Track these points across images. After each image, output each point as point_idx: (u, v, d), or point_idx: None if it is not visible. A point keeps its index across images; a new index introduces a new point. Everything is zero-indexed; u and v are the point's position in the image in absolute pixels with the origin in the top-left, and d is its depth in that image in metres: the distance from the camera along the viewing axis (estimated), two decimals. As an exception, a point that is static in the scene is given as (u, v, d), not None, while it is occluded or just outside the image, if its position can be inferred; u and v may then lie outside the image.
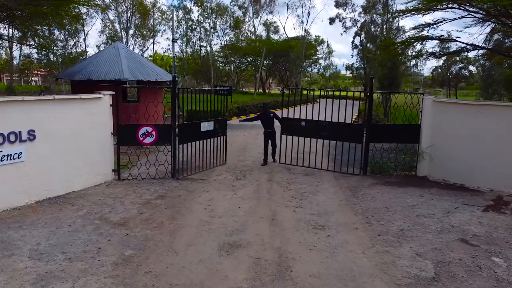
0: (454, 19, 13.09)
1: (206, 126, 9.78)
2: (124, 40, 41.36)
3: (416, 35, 12.45)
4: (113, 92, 8.52)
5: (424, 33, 13.42)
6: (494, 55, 19.64)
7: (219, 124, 10.30)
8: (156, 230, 5.76)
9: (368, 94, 9.52)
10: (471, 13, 12.64)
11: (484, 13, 12.74)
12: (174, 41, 19.99)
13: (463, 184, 8.73)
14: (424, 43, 12.58)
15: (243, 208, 6.88)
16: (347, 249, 5.19)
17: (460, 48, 12.74)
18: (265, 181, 8.93)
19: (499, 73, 38.08)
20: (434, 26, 13.19)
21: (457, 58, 63.50)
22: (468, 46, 12.94)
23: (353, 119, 23.91)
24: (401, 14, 12.24)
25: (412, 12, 11.45)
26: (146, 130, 8.66)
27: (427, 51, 13.12)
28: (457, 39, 11.94)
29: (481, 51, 14.50)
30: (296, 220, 6.32)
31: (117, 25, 43.33)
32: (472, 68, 66.73)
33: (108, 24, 44.31)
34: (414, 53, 13.67)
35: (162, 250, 5.05)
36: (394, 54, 15.70)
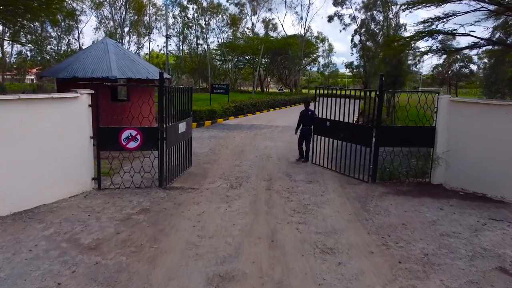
0: (466, 12, 12.17)
1: (181, 127, 8.86)
2: (118, 37, 40.30)
3: (426, 30, 11.51)
4: (92, 91, 7.56)
5: (433, 27, 12.53)
6: (497, 53, 18.74)
7: (187, 125, 9.42)
8: (133, 256, 4.81)
9: (377, 93, 8.57)
10: (484, 6, 11.73)
11: (496, 5, 11.85)
12: (167, 37, 19.04)
13: (485, 194, 7.81)
14: (436, 37, 11.67)
15: (238, 226, 5.94)
16: (364, 284, 4.25)
17: (473, 43, 11.82)
18: (264, 190, 7.99)
19: (503, 72, 37.28)
20: (444, 20, 12.27)
21: (458, 57, 62.84)
22: (481, 41, 12.02)
23: (355, 120, 23.13)
24: (411, 6, 11.31)
25: (424, 3, 10.52)
26: (130, 133, 7.70)
27: (437, 47, 12.19)
28: (471, 33, 11.02)
29: (482, 49, 13.57)
30: (300, 241, 5.38)
31: (112, 22, 42.30)
32: (473, 66, 66.01)
33: (103, 21, 43.31)
34: (422, 49, 12.74)
35: (136, 286, 4.10)
36: (400, 50, 14.80)
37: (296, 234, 5.64)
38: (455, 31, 11.26)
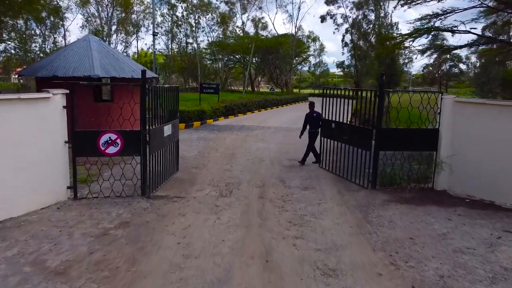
0: (466, 9, 11.70)
1: (167, 129, 8.21)
2: (105, 35, 39.29)
3: (425, 27, 11.00)
4: (67, 91, 6.86)
5: (430, 25, 12.04)
6: (494, 51, 18.45)
7: (173, 127, 8.77)
8: (106, 283, 4.14)
9: (378, 93, 8.00)
10: (484, 3, 11.28)
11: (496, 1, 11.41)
12: (154, 34, 18.28)
13: (493, 201, 7.28)
14: (436, 34, 11.16)
15: (228, 242, 5.30)
16: (375, 316, 3.65)
17: (473, 40, 11.33)
18: (256, 199, 7.37)
19: (496, 71, 37.17)
20: (442, 17, 11.79)
21: (448, 56, 63.03)
22: (479, 39, 11.54)
23: (348, 120, 22.45)
24: (409, 1, 10.78)
25: (424, -1, 10.04)
26: (109, 137, 7.02)
27: (435, 44, 11.67)
28: (471, 30, 10.54)
29: (482, 46, 13.11)
30: (298, 261, 4.76)
31: (99, 20, 41.26)
32: (462, 66, 66.24)
33: (90, 18, 42.23)
34: (419, 47, 12.25)
35: (107, 324, 3.46)
36: (394, 49, 14.30)
37: (293, 252, 5.03)
38: (455, 28, 10.76)
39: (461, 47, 13.53)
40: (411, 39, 11.33)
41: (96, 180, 7.31)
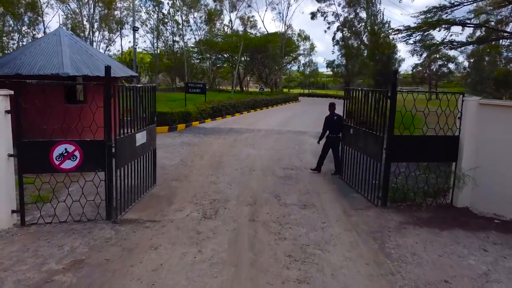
0: (474, 1, 10.60)
1: (140, 137, 6.90)
2: (87, 33, 37.57)
3: (432, 20, 9.86)
4: (11, 92, 5.50)
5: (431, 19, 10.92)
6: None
7: (150, 134, 7.45)
8: None
9: (390, 94, 6.78)
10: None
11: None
12: (135, 29, 16.88)
13: (527, 222, 6.15)
14: (448, 27, 10.03)
15: (210, 291, 4.03)
16: None
17: (492, 36, 10.22)
18: (247, 222, 6.10)
19: (488, 71, 36.54)
20: (449, 10, 10.68)
21: (437, 56, 62.60)
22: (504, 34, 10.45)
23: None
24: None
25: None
26: (65, 149, 5.68)
27: (449, 39, 10.57)
28: (487, 25, 9.43)
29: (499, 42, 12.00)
30: (305, 323, 3.52)
31: (80, 17, 39.45)
32: (451, 66, 65.91)
33: (70, 15, 40.41)
34: (428, 42, 11.07)
35: None
36: (386, 49, 13.17)
37: (297, 307, 3.78)
38: (468, 21, 9.65)
39: (471, 43, 12.50)
40: (419, 33, 10.19)
41: (50, 202, 5.97)
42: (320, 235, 5.63)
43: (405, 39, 11.05)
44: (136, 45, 16.95)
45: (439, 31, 9.69)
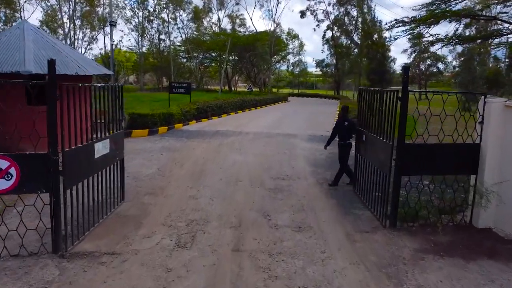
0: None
1: (102, 147, 5.70)
2: (67, 30, 35.92)
3: (441, 10, 8.82)
4: None
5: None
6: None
7: (115, 143, 6.27)
8: None
9: (401, 94, 5.69)
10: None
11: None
12: (112, 24, 15.58)
13: None
14: (459, 19, 9.00)
15: None
16: None
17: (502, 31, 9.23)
18: (229, 252, 4.96)
19: (480, 70, 35.97)
20: (453, 2, 9.67)
21: (426, 55, 62.37)
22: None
23: (333, 126, 19.90)
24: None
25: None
26: (-3, 165, 4.46)
27: (456, 34, 9.54)
28: (499, 17, 8.45)
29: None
30: None
31: (60, 14, 37.77)
32: (440, 65, 65.69)
33: (50, 12, 38.70)
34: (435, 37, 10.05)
35: None
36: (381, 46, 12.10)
37: None
38: (480, 14, 8.63)
39: (479, 38, 11.53)
40: (426, 25, 9.13)
41: (-20, 231, 4.74)
42: (320, 271, 4.51)
43: (408, 32, 10.03)
44: (113, 41, 15.67)
45: (449, 22, 8.68)
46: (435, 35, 9.49)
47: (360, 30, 37.08)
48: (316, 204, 7.04)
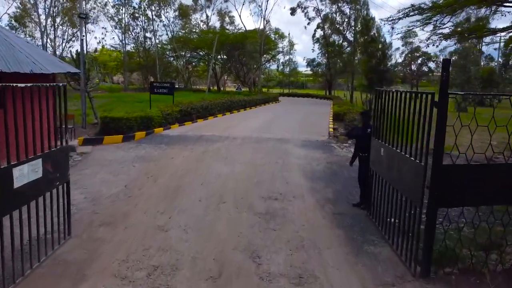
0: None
1: (26, 172, 4.11)
2: (43, 28, 33.85)
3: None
4: None
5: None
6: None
7: (52, 163, 4.68)
8: None
9: (439, 98, 4.17)
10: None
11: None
12: (81, 17, 13.87)
13: None
14: (490, 5, 7.57)
15: None
16: None
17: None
18: (201, 330, 3.40)
19: (476, 69, 35.09)
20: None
21: (417, 54, 61.54)
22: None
23: (330, 129, 18.21)
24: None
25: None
26: None
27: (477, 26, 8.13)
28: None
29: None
30: None
31: (38, 10, 35.72)
32: (431, 64, 64.87)
33: (28, 8, 36.61)
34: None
35: None
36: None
37: None
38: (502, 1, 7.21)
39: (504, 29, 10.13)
40: (438, 16, 7.72)
41: None
42: None
43: (422, 24, 8.58)
44: (83, 36, 13.97)
45: (474, 9, 7.34)
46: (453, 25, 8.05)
47: (353, 28, 35.81)
48: (319, 238, 5.51)
